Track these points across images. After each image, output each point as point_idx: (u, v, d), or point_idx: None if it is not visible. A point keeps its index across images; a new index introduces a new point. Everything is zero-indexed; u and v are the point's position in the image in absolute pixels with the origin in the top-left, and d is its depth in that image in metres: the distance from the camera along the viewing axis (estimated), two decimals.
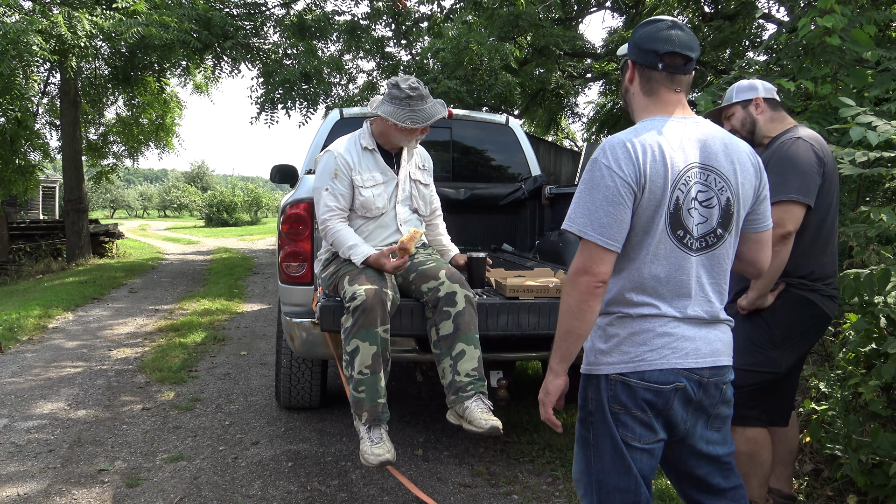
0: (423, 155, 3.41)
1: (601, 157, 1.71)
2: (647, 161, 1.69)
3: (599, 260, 1.69)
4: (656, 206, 1.70)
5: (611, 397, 1.77)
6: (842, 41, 3.70)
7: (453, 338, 2.85)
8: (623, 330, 1.76)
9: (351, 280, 2.90)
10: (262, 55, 13.15)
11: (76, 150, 14.41)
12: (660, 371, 1.73)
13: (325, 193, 3.10)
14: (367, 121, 3.30)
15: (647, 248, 1.73)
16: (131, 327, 7.23)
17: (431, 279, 2.94)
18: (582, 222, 1.71)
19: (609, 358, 1.77)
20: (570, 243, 4.23)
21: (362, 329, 2.77)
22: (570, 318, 1.73)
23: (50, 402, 4.55)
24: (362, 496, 3.20)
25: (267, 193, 42.55)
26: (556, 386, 1.83)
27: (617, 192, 1.68)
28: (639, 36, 1.82)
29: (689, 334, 1.75)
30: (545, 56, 11.52)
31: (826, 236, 2.59)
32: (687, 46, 1.78)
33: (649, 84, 1.82)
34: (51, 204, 28.03)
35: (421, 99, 3.05)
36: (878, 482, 2.80)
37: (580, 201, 1.72)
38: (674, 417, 1.78)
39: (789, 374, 2.67)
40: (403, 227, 3.21)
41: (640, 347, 1.74)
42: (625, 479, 1.77)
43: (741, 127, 2.76)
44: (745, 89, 2.78)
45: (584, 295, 1.70)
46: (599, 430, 1.80)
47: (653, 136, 1.73)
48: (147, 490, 3.24)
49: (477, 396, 2.79)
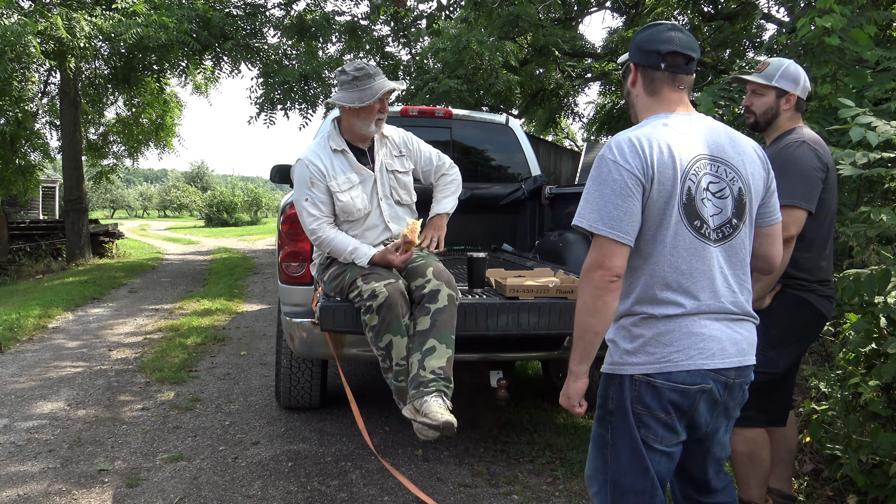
0: (399, 139, 3.28)
1: (607, 154, 1.73)
2: (654, 153, 1.71)
3: (612, 254, 1.69)
4: (668, 198, 1.72)
5: (635, 398, 1.75)
6: (841, 41, 3.70)
7: (427, 333, 2.80)
8: (649, 331, 1.74)
9: (366, 279, 2.88)
10: (262, 56, 13.15)
11: (76, 150, 14.41)
12: (686, 372, 1.72)
13: (305, 204, 3.04)
14: (333, 121, 3.23)
15: (665, 241, 1.73)
16: (131, 327, 7.23)
17: (419, 276, 2.93)
18: (592, 217, 1.71)
19: (634, 358, 1.76)
20: (571, 243, 4.24)
21: (391, 324, 2.79)
22: (586, 314, 1.73)
23: (50, 402, 4.55)
24: (362, 496, 3.20)
25: (267, 193, 42.57)
26: (576, 390, 1.81)
27: (625, 185, 1.69)
28: (640, 39, 1.87)
29: (716, 334, 1.74)
30: (545, 56, 11.52)
31: (824, 239, 2.60)
32: (688, 47, 1.82)
33: (652, 84, 1.85)
34: (51, 204, 28.02)
35: (368, 77, 3.00)
36: (878, 482, 2.80)
37: (589, 197, 1.73)
38: (698, 419, 1.78)
39: (786, 375, 2.67)
40: (391, 223, 3.17)
41: (666, 348, 1.73)
42: (641, 481, 1.77)
43: (762, 113, 2.63)
44: (789, 78, 2.58)
45: (598, 290, 1.70)
46: (618, 430, 1.78)
47: (658, 130, 1.76)
48: (147, 490, 3.24)
49: (438, 393, 2.69)
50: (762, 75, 2.63)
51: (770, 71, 2.62)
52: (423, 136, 3.45)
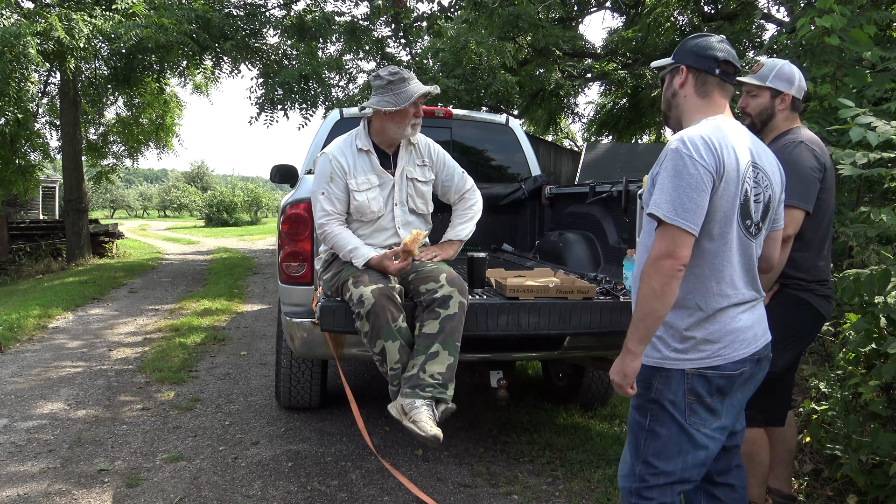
0: (425, 149, 3.30)
1: (682, 148, 1.83)
2: (724, 153, 1.84)
3: (682, 244, 1.81)
4: (732, 197, 1.86)
5: (688, 390, 1.91)
6: (841, 41, 3.70)
7: (434, 337, 2.80)
8: (699, 332, 1.91)
9: (355, 282, 2.88)
10: (262, 56, 13.15)
11: (76, 150, 14.41)
12: (732, 363, 1.92)
13: (321, 198, 3.09)
14: (363, 120, 3.26)
15: (726, 237, 1.88)
16: (131, 327, 7.23)
17: (431, 281, 2.91)
18: (667, 208, 1.81)
19: (686, 355, 1.91)
20: (571, 243, 4.24)
21: (382, 329, 2.78)
22: (652, 300, 1.82)
23: (50, 402, 4.55)
24: (362, 496, 3.20)
25: (267, 193, 42.57)
26: (633, 368, 1.89)
27: (700, 180, 1.80)
28: (694, 45, 2.02)
29: (748, 323, 1.95)
30: (545, 56, 11.53)
31: (822, 239, 2.60)
32: (736, 59, 2.02)
33: (705, 87, 2.00)
34: (51, 204, 28.01)
35: (402, 81, 3.03)
36: (878, 482, 2.80)
37: (664, 188, 1.83)
38: (734, 396, 1.98)
39: (785, 374, 2.68)
40: (402, 229, 3.18)
41: (714, 345, 1.91)
42: (672, 464, 1.94)
43: (757, 114, 2.64)
44: (783, 78, 2.59)
45: (667, 278, 1.81)
46: (658, 418, 1.94)
47: (722, 132, 1.89)
48: (147, 490, 3.24)
49: (431, 401, 2.72)
50: (756, 76, 2.63)
51: (764, 72, 2.62)
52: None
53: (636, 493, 1.99)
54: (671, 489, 1.97)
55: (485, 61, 9.40)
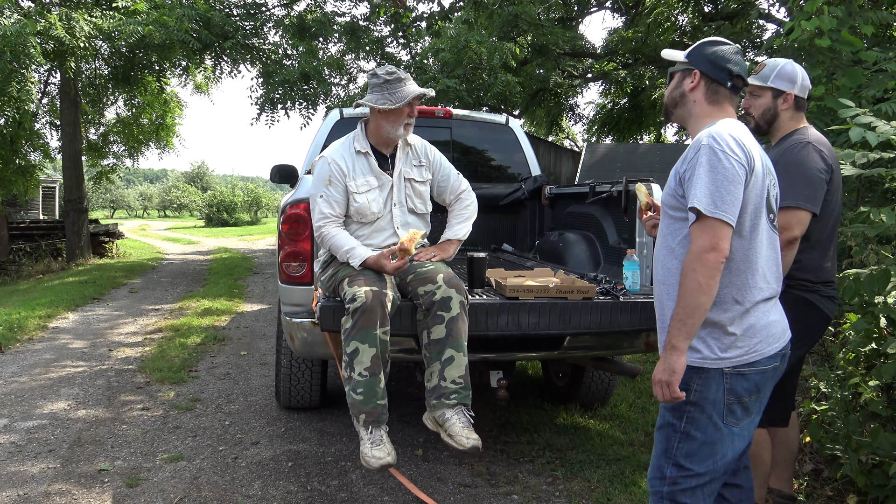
0: (421, 150, 3.33)
1: (714, 145, 1.87)
2: (751, 149, 1.90)
3: (724, 236, 1.84)
4: (761, 190, 1.92)
5: (728, 390, 1.92)
6: (832, 42, 3.70)
7: (444, 342, 2.84)
8: (738, 328, 1.92)
9: (350, 282, 2.89)
10: (262, 55, 13.15)
11: (76, 150, 14.40)
12: (767, 357, 1.95)
13: (319, 200, 3.10)
14: (360, 122, 3.28)
15: (757, 230, 1.92)
16: (131, 327, 7.24)
17: (429, 282, 2.92)
18: (707, 202, 1.84)
19: (727, 353, 1.92)
20: (571, 243, 4.24)
21: (361, 331, 2.76)
22: (699, 294, 1.84)
23: (50, 402, 4.55)
24: (362, 496, 3.20)
25: (267, 193, 42.56)
26: (682, 364, 1.89)
27: (735, 173, 1.85)
28: (711, 52, 2.04)
29: (777, 318, 2.00)
30: (545, 56, 11.53)
31: (827, 240, 2.59)
32: (747, 74, 2.08)
33: (716, 96, 2.05)
34: (51, 204, 28.01)
35: (399, 81, 3.06)
36: (878, 482, 2.80)
37: (701, 183, 1.86)
38: (764, 391, 2.00)
39: (789, 375, 2.67)
40: (400, 229, 3.19)
41: (751, 340, 1.93)
42: (705, 465, 1.94)
43: (760, 114, 2.63)
44: (785, 77, 2.58)
45: (712, 271, 1.83)
46: (693, 420, 1.94)
47: (743, 130, 1.96)
48: (147, 490, 3.24)
49: (459, 408, 2.79)
50: (758, 77, 2.63)
51: (765, 72, 2.62)
52: (423, 136, 3.46)
53: (668, 497, 1.97)
54: (702, 490, 1.96)
55: (485, 61, 9.40)
